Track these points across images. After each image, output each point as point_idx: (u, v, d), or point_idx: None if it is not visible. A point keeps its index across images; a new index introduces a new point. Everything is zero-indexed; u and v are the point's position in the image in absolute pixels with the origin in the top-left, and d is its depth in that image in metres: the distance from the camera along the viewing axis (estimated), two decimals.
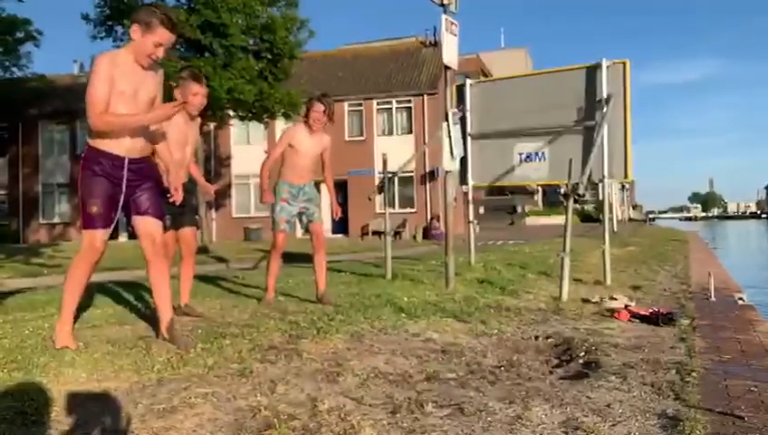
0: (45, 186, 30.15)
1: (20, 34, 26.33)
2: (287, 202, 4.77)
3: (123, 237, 23.85)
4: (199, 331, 3.68)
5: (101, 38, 21.51)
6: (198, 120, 4.34)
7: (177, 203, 3.73)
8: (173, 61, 19.59)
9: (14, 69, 27.59)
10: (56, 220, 29.96)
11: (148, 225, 3.31)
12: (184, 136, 4.15)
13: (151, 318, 3.82)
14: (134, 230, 3.35)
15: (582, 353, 3.58)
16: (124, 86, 3.11)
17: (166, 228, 4.18)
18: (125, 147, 3.18)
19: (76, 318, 3.43)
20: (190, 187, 4.38)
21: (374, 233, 25.08)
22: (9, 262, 13.16)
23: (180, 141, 4.13)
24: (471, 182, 8.07)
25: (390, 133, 27.41)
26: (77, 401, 2.46)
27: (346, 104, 27.04)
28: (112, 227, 3.23)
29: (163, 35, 3.16)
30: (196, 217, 4.58)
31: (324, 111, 4.72)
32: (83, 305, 4.48)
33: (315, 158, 4.87)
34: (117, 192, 3.20)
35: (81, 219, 3.20)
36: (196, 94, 4.12)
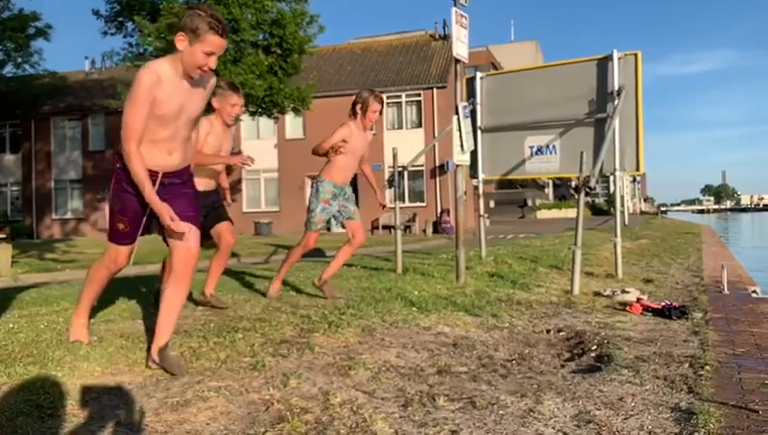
0: (58, 182, 30.45)
1: (31, 31, 26.56)
2: (328, 203, 4.70)
3: None
4: (212, 325, 3.71)
5: (112, 34, 21.74)
6: (233, 128, 4.35)
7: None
8: None
9: (26, 66, 27.88)
10: (69, 216, 30.25)
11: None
12: (219, 143, 4.18)
13: None
14: (166, 240, 3.00)
15: (594, 347, 3.57)
16: (166, 109, 2.77)
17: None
18: (162, 164, 2.87)
19: (90, 313, 3.46)
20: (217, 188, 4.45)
21: (384, 227, 25.12)
22: (24, 257, 13.29)
23: (215, 148, 4.15)
24: (481, 176, 8.05)
25: (400, 127, 27.38)
26: (92, 395, 2.49)
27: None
28: (137, 241, 3.07)
29: (213, 42, 2.76)
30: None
31: (381, 111, 4.77)
32: (97, 300, 4.52)
33: (360, 157, 4.86)
34: (145, 207, 2.89)
35: (108, 230, 3.03)
36: (235, 105, 4.11)
